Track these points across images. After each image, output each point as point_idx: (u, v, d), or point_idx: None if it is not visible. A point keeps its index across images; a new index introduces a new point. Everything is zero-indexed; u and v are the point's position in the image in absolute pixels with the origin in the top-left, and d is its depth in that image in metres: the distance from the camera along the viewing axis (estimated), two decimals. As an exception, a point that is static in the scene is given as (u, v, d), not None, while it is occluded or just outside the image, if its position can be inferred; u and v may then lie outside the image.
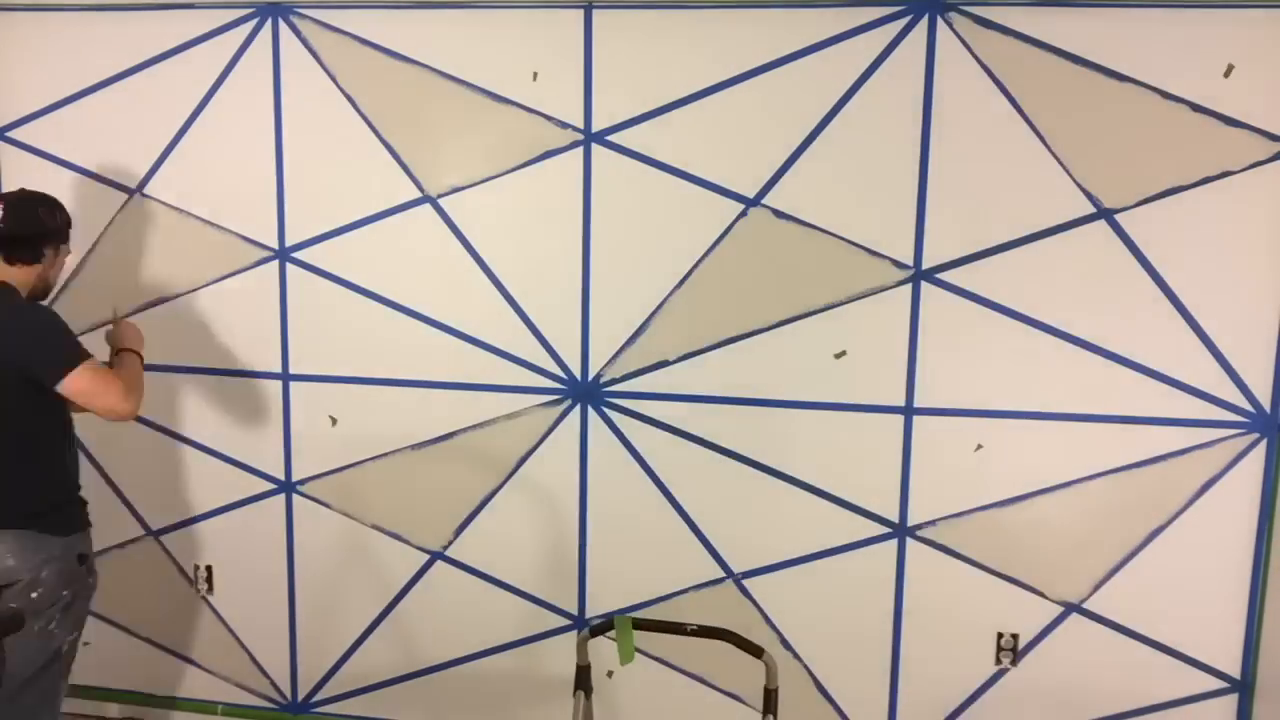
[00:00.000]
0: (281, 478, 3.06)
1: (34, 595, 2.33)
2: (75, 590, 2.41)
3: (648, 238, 2.77)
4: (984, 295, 2.65)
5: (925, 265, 2.66)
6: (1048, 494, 2.68)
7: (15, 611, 2.08)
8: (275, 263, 2.96)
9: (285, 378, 3.00)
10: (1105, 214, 2.57)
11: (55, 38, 2.97)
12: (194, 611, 3.18)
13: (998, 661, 2.78)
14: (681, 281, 2.76)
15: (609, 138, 2.75)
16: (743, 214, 2.72)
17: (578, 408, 2.87)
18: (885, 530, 2.78)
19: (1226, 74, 2.48)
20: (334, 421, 2.91)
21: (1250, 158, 2.50)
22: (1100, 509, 2.67)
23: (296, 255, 2.95)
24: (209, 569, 3.14)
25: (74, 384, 2.29)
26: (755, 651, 2.06)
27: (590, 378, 2.85)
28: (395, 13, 2.80)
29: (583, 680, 2.20)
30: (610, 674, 2.94)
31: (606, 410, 2.85)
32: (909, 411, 2.71)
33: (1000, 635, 2.77)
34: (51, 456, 2.42)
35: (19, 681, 2.37)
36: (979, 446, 2.70)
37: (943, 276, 2.66)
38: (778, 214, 2.70)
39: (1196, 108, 2.50)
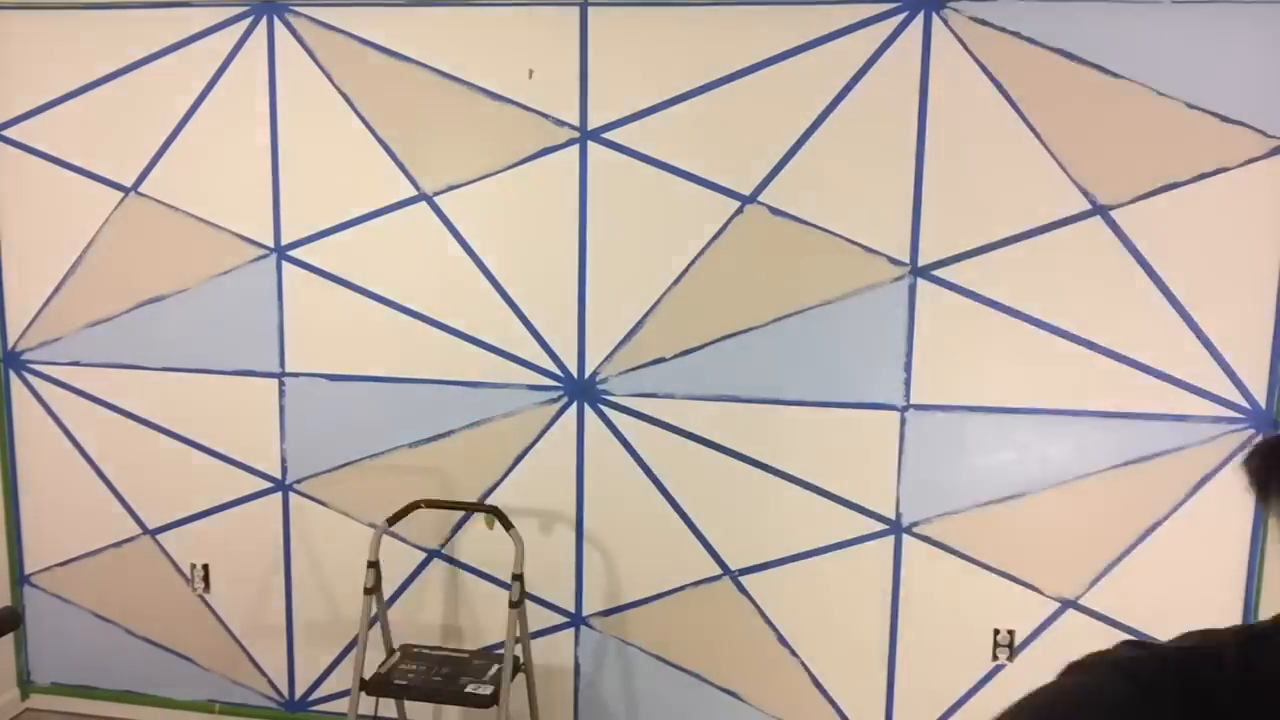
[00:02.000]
0: (278, 476, 3.06)
1: None
2: None
3: (644, 235, 2.76)
4: (980, 292, 2.65)
5: (921, 262, 2.66)
6: (1044, 490, 2.69)
7: (13, 611, 2.09)
8: (271, 261, 2.95)
9: (281, 375, 3.00)
10: (1101, 210, 2.58)
11: (51, 36, 2.97)
12: (191, 610, 3.17)
13: (994, 658, 2.78)
14: (678, 279, 2.76)
15: (605, 135, 2.75)
16: (739, 211, 2.72)
17: (574, 405, 2.86)
18: (882, 527, 2.78)
19: (1222, 71, 2.48)
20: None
21: (1245, 154, 2.50)
22: (1096, 505, 2.67)
23: (292, 253, 2.94)
24: (206, 568, 3.14)
25: None
26: (507, 524, 2.63)
27: (586, 375, 2.85)
28: (390, 11, 2.79)
29: (374, 579, 2.68)
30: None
31: (603, 407, 2.85)
32: (905, 408, 2.72)
33: (997, 632, 2.77)
34: None
35: None
36: (975, 443, 2.70)
37: (939, 273, 2.66)
38: (774, 211, 2.70)
39: (1192, 104, 2.50)
